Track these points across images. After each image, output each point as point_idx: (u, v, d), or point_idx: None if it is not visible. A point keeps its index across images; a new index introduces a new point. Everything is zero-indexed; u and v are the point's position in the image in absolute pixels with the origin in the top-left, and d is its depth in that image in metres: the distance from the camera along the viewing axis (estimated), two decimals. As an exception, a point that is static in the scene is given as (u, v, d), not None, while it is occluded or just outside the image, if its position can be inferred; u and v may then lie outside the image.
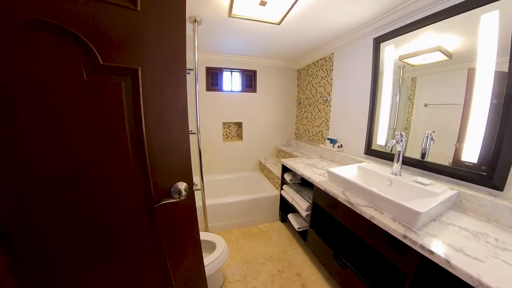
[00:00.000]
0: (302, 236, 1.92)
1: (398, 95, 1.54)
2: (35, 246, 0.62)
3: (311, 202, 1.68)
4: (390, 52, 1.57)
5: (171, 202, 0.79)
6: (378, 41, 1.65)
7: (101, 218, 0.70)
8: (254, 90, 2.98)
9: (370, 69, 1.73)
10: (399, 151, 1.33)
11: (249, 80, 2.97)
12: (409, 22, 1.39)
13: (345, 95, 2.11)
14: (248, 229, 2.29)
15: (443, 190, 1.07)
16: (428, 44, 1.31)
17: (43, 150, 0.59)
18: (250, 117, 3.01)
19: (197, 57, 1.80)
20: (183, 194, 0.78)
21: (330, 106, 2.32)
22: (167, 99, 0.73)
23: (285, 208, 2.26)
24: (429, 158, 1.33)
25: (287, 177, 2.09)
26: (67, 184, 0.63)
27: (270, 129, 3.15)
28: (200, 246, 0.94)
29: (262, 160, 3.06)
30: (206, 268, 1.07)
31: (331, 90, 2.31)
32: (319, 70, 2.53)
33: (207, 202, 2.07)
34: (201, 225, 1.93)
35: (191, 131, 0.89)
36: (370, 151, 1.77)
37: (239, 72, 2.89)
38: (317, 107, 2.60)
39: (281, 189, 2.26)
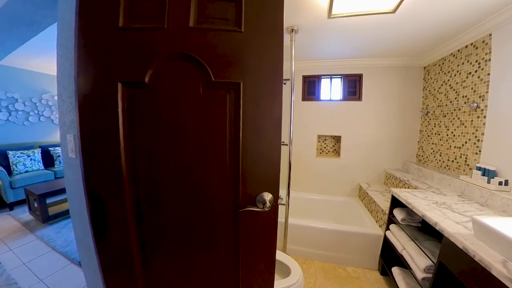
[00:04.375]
0: (413, 307, 1.34)
1: None
2: (155, 223, 0.83)
3: (434, 261, 1.19)
4: None
5: (255, 210, 0.81)
6: None
7: (198, 209, 0.83)
8: (359, 98, 2.56)
9: None
10: None
11: (353, 86, 2.59)
12: None
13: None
14: (332, 267, 1.92)
15: None
16: None
17: (169, 147, 0.78)
18: (351, 130, 2.60)
19: (294, 67, 1.82)
20: (267, 205, 0.79)
21: (484, 116, 1.58)
22: (263, 109, 0.78)
23: (390, 256, 1.72)
24: None
25: (399, 214, 1.58)
26: (180, 177, 0.80)
27: (378, 146, 2.55)
28: (274, 265, 0.91)
29: (363, 185, 2.50)
30: (274, 293, 0.99)
31: (486, 92, 1.57)
32: (462, 64, 1.85)
33: (290, 221, 1.96)
34: (279, 243, 1.79)
35: (283, 142, 0.94)
36: None
37: (340, 77, 2.61)
38: (459, 118, 1.84)
39: (387, 228, 1.75)
